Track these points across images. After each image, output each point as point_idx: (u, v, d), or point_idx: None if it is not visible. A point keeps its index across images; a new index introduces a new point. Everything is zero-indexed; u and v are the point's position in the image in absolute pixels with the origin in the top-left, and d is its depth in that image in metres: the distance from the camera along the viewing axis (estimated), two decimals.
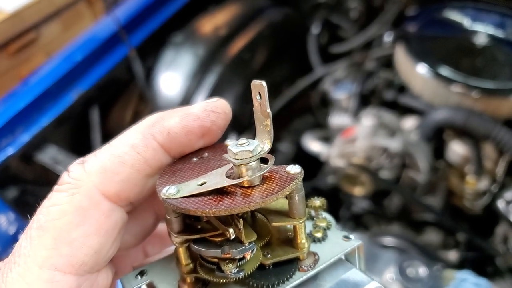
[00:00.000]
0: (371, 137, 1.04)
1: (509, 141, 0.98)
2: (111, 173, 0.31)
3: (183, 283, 0.33)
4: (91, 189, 0.31)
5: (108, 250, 0.32)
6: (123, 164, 0.32)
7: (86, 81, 1.15)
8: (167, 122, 0.33)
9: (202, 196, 0.29)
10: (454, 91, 1.05)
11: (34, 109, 1.08)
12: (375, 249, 0.81)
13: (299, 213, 0.31)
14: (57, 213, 0.30)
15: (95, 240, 0.30)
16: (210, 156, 0.35)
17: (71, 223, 0.30)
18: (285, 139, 1.39)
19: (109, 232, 0.31)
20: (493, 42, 1.13)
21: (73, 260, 0.30)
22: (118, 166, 0.32)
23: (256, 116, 0.32)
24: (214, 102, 0.35)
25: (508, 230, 1.03)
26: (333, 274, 0.33)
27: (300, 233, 0.32)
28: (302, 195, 0.31)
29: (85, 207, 0.30)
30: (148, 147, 0.32)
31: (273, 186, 0.30)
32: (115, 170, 0.31)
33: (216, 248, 0.30)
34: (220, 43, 1.30)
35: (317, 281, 0.33)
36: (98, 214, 0.31)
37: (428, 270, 0.74)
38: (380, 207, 1.11)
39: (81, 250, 0.30)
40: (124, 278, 0.35)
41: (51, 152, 1.06)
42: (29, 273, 0.29)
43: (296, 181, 0.30)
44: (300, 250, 0.32)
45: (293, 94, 1.38)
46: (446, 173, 1.11)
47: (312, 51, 1.45)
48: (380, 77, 1.22)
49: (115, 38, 1.20)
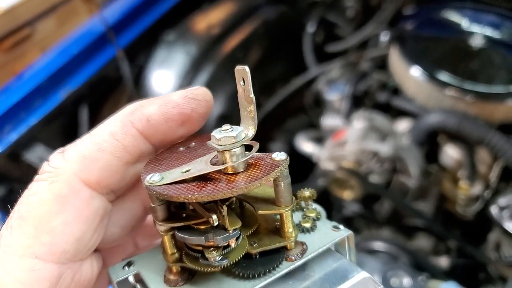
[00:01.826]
0: (361, 140, 1.02)
1: (503, 146, 0.96)
2: (90, 160, 0.31)
3: (169, 273, 0.32)
4: (71, 176, 0.31)
5: (90, 238, 0.32)
6: (102, 151, 0.32)
7: (75, 80, 1.14)
8: (146, 109, 0.33)
9: (185, 182, 0.29)
10: (448, 95, 1.03)
11: (23, 108, 1.07)
12: (359, 256, 0.79)
13: (285, 201, 0.31)
14: (37, 202, 0.30)
15: (75, 228, 0.31)
16: (197, 146, 0.35)
17: (51, 211, 0.30)
18: (278, 139, 1.37)
19: (90, 219, 0.32)
20: (489, 44, 1.10)
21: (54, 248, 0.30)
22: (97, 153, 0.32)
23: (240, 102, 0.31)
24: (195, 89, 0.35)
25: (500, 237, 1.01)
26: (322, 264, 0.33)
27: (287, 222, 0.31)
28: (288, 183, 0.31)
29: (64, 194, 0.30)
30: (127, 134, 0.33)
31: (258, 172, 0.30)
32: (94, 157, 0.32)
33: (200, 235, 0.30)
34: (213, 41, 1.28)
35: (305, 271, 0.32)
36: (78, 202, 0.31)
37: (412, 281, 0.73)
38: (371, 211, 1.09)
39: (61, 238, 0.30)
40: (111, 268, 0.35)
41: (39, 151, 1.05)
42: (10, 262, 0.29)
43: (281, 167, 0.30)
44: (287, 239, 0.32)
45: (287, 93, 1.36)
46: (439, 177, 1.09)
47: (307, 50, 1.42)
48: (374, 79, 1.20)
49: (105, 37, 1.18)
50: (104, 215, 0.33)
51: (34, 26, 1.57)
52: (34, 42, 1.58)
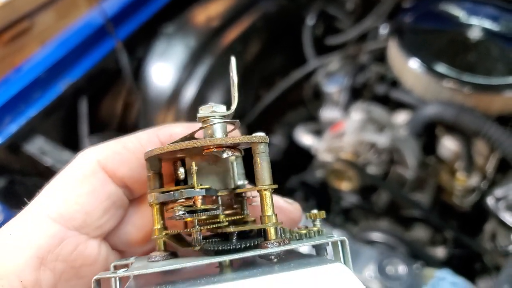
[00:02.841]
0: (359, 132, 1.02)
1: (500, 138, 0.96)
2: (113, 152, 0.36)
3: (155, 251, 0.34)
4: (93, 160, 0.36)
5: (99, 217, 0.36)
6: (125, 148, 0.37)
7: (74, 72, 1.15)
8: (173, 128, 0.39)
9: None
10: (446, 87, 1.03)
11: (22, 100, 1.07)
12: (356, 246, 0.80)
13: (263, 179, 0.31)
14: (64, 174, 0.36)
15: (86, 201, 0.35)
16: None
17: (70, 183, 0.35)
18: (277, 131, 1.38)
19: (101, 199, 0.36)
20: (487, 36, 1.11)
21: (65, 212, 0.34)
22: (121, 149, 0.37)
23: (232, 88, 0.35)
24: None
25: (496, 227, 1.02)
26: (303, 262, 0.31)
27: (265, 204, 0.32)
28: (266, 162, 0.32)
29: (84, 172, 0.35)
30: (151, 142, 0.37)
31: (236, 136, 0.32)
32: (118, 151, 0.36)
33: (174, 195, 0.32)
34: (212, 34, 1.29)
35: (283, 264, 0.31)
36: (95, 181, 0.35)
37: (407, 268, 0.74)
38: (368, 202, 1.10)
39: (73, 206, 0.34)
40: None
41: (39, 143, 1.06)
42: (27, 214, 0.34)
43: (259, 137, 0.32)
44: (264, 223, 0.31)
45: (287, 86, 1.37)
46: (436, 169, 1.10)
47: (306, 42, 1.43)
48: (372, 71, 1.20)
49: (104, 29, 1.18)
50: (116, 202, 0.37)
51: (34, 19, 1.56)
52: (33, 35, 1.58)
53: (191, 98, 1.18)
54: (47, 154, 1.04)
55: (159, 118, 1.19)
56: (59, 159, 1.03)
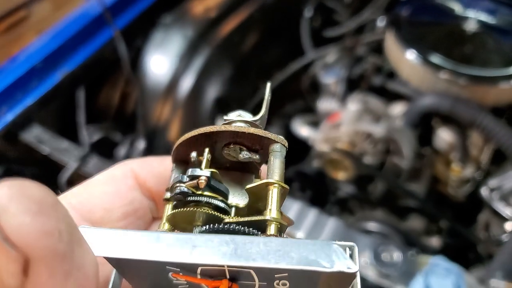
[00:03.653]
0: (355, 122, 1.03)
1: (494, 129, 0.97)
2: (148, 164, 0.37)
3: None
4: (127, 166, 0.37)
5: (117, 220, 0.35)
6: (161, 162, 0.37)
7: (72, 61, 1.15)
8: None
9: None
10: (442, 78, 1.04)
11: (19, 89, 1.07)
12: (352, 233, 0.81)
13: (272, 174, 0.29)
14: (99, 175, 0.36)
15: (108, 199, 0.35)
16: None
17: (101, 181, 0.36)
18: (275, 123, 1.38)
19: (124, 202, 0.35)
20: (483, 29, 1.12)
21: (86, 203, 0.34)
22: (157, 162, 0.37)
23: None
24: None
25: (490, 217, 1.03)
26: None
27: (269, 199, 0.28)
28: (279, 160, 0.30)
29: (115, 175, 0.36)
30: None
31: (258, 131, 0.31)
32: (152, 164, 0.37)
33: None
34: (210, 24, 1.29)
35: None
36: (122, 184, 0.36)
37: (402, 255, 0.75)
38: (364, 192, 1.11)
39: (94, 200, 0.34)
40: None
41: (36, 132, 1.06)
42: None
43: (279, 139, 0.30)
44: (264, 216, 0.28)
45: (284, 77, 1.37)
46: (432, 160, 1.11)
47: (304, 34, 1.43)
48: (369, 62, 1.21)
49: (102, 18, 1.18)
50: (138, 211, 0.36)
51: (30, 8, 1.55)
52: (30, 24, 1.57)
53: (188, 88, 1.19)
54: (44, 143, 1.04)
55: (156, 108, 1.19)
56: (56, 148, 1.04)
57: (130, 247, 0.22)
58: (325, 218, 0.83)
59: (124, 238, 0.23)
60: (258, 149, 0.32)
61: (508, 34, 1.11)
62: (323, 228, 0.81)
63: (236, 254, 0.21)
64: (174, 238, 0.22)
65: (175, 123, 1.19)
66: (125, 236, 0.23)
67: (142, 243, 0.22)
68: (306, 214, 0.83)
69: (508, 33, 1.12)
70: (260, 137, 0.30)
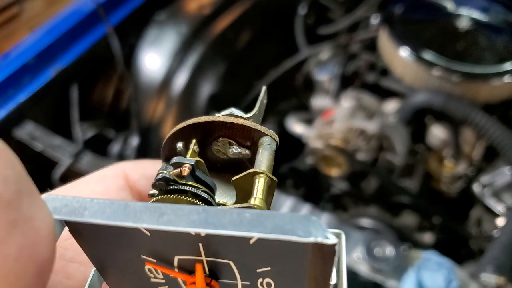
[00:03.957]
0: (349, 118, 1.04)
1: (486, 126, 0.98)
2: (140, 166, 0.36)
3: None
4: (119, 167, 0.36)
5: None
6: (153, 165, 0.36)
7: (65, 58, 1.14)
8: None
9: None
10: (435, 75, 1.05)
11: (11, 85, 1.07)
12: (345, 228, 0.81)
13: (259, 164, 0.28)
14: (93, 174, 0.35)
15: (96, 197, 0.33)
16: None
17: (90, 181, 0.35)
18: (269, 120, 1.38)
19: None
20: (476, 26, 1.12)
21: None
22: (149, 164, 0.36)
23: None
24: None
25: (482, 213, 1.04)
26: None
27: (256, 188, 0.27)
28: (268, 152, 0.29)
29: (107, 174, 0.35)
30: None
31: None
32: (144, 166, 0.36)
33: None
34: (204, 22, 1.29)
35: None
36: (112, 183, 0.35)
37: (394, 250, 0.75)
38: (357, 188, 1.12)
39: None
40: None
41: (28, 128, 1.06)
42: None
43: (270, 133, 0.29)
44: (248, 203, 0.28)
45: (278, 75, 1.37)
46: (425, 156, 1.12)
47: (298, 32, 1.43)
48: (363, 60, 1.21)
49: (96, 14, 1.18)
50: None
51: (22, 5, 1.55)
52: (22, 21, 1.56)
53: (182, 85, 1.19)
54: (37, 140, 1.04)
55: (150, 105, 1.19)
56: (49, 144, 1.03)
57: (93, 212, 0.21)
58: (318, 213, 0.83)
59: (89, 205, 0.21)
60: (248, 145, 0.30)
61: (500, 32, 1.12)
62: None
63: (206, 222, 0.20)
64: (143, 206, 0.21)
65: (169, 120, 1.19)
66: (90, 202, 0.22)
67: (108, 210, 0.21)
68: (299, 210, 0.83)
69: (500, 31, 1.13)
70: (250, 129, 0.29)
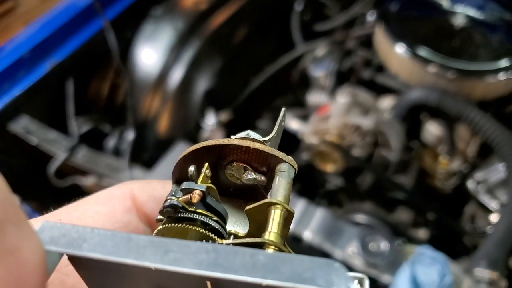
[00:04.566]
0: (344, 114, 1.04)
1: (481, 122, 0.99)
2: (149, 187, 0.34)
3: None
4: (127, 186, 0.34)
5: None
6: (163, 186, 0.34)
7: (61, 52, 1.14)
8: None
9: None
10: (430, 72, 1.05)
11: (6, 79, 1.06)
12: (340, 223, 0.82)
13: (275, 195, 0.26)
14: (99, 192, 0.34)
15: (100, 220, 0.32)
16: None
17: (97, 201, 0.33)
18: (265, 116, 1.39)
19: (118, 225, 0.33)
20: (471, 23, 1.13)
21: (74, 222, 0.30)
22: (159, 185, 0.34)
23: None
24: None
25: (476, 209, 1.05)
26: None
27: (271, 221, 0.24)
28: (286, 180, 0.27)
29: (113, 195, 0.33)
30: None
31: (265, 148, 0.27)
32: (154, 187, 0.34)
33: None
34: (200, 17, 1.28)
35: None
36: (118, 205, 0.33)
37: (389, 245, 0.76)
38: (353, 184, 1.12)
39: (85, 220, 0.32)
40: None
41: (24, 122, 1.05)
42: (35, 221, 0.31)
43: (288, 159, 0.27)
44: (262, 237, 0.25)
45: (274, 71, 1.37)
46: (419, 152, 1.13)
47: (294, 28, 1.43)
48: (359, 56, 1.22)
49: (92, 8, 1.17)
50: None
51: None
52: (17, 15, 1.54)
53: (178, 80, 1.18)
54: (33, 134, 1.04)
55: (146, 100, 1.19)
56: (45, 138, 1.03)
57: (93, 245, 0.19)
58: (313, 208, 0.83)
59: (89, 236, 0.19)
60: (264, 171, 0.28)
61: (495, 29, 1.13)
62: (311, 218, 0.82)
63: (215, 264, 0.18)
64: (147, 241, 0.19)
65: (165, 115, 1.19)
66: (91, 233, 0.20)
67: (110, 243, 0.19)
68: (294, 204, 0.83)
69: (495, 28, 1.13)
70: (267, 154, 0.27)
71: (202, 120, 1.19)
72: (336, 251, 0.79)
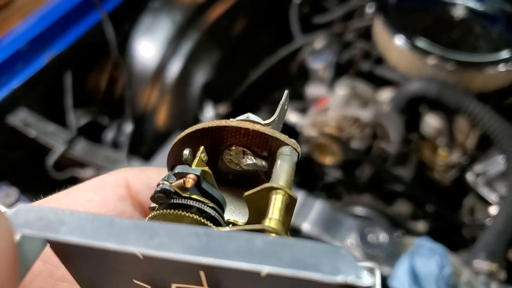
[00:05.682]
0: (343, 106, 1.04)
1: (480, 114, 0.98)
2: (144, 174, 0.32)
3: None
4: (121, 174, 0.32)
5: None
6: (159, 173, 0.33)
7: (58, 45, 1.13)
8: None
9: None
10: (429, 63, 1.05)
11: (4, 72, 1.06)
12: (338, 215, 0.82)
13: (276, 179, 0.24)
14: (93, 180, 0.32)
15: (91, 207, 0.31)
16: None
17: (90, 188, 0.32)
18: (263, 109, 1.38)
19: (111, 213, 0.31)
20: (471, 15, 1.12)
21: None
22: (154, 172, 0.32)
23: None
24: None
25: (475, 201, 1.05)
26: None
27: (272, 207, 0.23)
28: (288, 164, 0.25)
29: (107, 182, 0.32)
30: None
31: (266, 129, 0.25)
32: (149, 174, 0.32)
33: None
34: (198, 9, 1.28)
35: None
36: (111, 193, 0.31)
37: (388, 237, 0.76)
38: (351, 177, 1.12)
39: (76, 208, 0.30)
40: None
41: (22, 115, 1.05)
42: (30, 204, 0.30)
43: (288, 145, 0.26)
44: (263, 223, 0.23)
45: (273, 63, 1.37)
46: (419, 145, 1.12)
47: (293, 20, 1.42)
48: (358, 48, 1.21)
49: (90, 1, 1.17)
50: None
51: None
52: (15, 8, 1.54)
53: (176, 73, 1.18)
54: (31, 126, 1.03)
55: (144, 92, 1.18)
56: (43, 131, 1.03)
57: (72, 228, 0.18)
58: (311, 200, 0.83)
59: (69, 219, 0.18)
60: (265, 155, 0.26)
61: (495, 21, 1.12)
62: (309, 210, 0.81)
63: (206, 249, 0.16)
64: (131, 224, 0.17)
65: (163, 108, 1.18)
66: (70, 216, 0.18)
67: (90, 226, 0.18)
68: None
69: (495, 20, 1.12)
70: (268, 137, 0.25)
71: (201, 113, 1.18)
72: (335, 243, 0.79)
